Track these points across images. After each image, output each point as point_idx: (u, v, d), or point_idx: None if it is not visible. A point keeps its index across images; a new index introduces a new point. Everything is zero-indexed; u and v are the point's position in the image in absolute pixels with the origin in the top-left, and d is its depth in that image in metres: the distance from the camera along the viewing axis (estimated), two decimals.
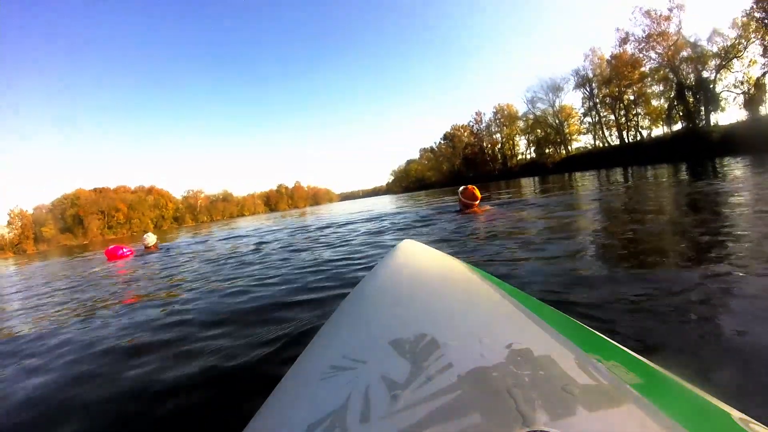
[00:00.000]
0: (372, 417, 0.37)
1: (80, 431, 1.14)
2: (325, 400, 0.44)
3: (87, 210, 63.39)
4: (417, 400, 0.38)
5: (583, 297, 1.58)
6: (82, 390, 1.40)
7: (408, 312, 0.64)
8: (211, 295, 2.69)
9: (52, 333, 2.30)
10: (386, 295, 0.78)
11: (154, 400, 1.22)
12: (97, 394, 1.34)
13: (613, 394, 0.37)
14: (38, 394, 1.43)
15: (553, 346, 0.47)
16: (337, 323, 0.76)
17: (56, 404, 1.33)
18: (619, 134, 36.30)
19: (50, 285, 5.07)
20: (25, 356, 1.93)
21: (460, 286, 0.80)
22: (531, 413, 0.33)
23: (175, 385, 1.29)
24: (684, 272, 1.78)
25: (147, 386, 1.32)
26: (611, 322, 1.30)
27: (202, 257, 5.48)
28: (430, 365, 0.43)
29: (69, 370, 1.63)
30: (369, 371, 0.46)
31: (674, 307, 1.38)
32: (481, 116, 55.94)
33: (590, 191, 7.31)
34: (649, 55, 29.99)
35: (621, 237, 2.79)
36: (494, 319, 0.58)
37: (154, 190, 75.30)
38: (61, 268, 8.39)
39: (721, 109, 27.10)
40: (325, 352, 0.62)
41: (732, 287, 1.48)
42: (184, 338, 1.77)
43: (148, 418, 1.14)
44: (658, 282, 1.66)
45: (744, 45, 24.99)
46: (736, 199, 3.91)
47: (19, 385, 1.55)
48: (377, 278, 0.92)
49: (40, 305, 3.52)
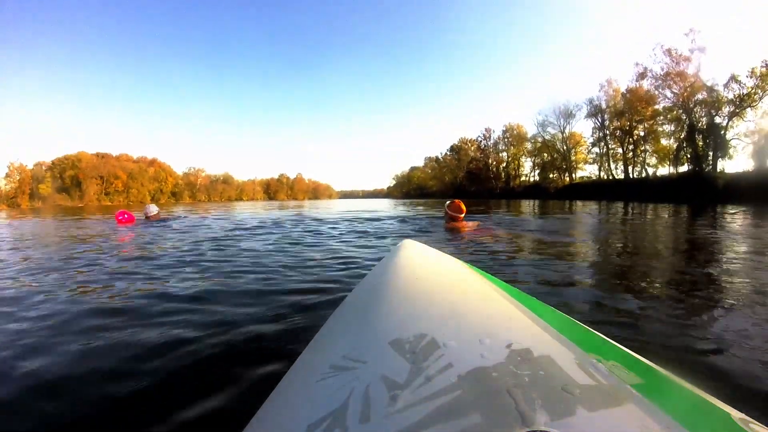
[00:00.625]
0: (372, 417, 0.37)
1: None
2: (325, 400, 0.44)
3: (87, 173, 63.15)
4: (417, 400, 0.38)
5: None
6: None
7: (408, 312, 0.64)
8: (208, 288, 2.53)
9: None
10: (386, 295, 0.76)
11: (151, 400, 1.18)
12: (95, 393, 1.26)
13: (612, 394, 0.37)
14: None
15: (553, 346, 0.47)
16: (337, 323, 0.76)
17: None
18: (625, 168, 36.18)
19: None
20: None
21: (460, 286, 0.79)
22: (531, 413, 0.33)
23: (174, 386, 1.26)
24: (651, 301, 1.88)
25: (145, 386, 1.26)
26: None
27: (197, 237, 5.37)
28: (430, 365, 0.43)
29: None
30: (369, 371, 0.46)
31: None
32: (489, 132, 55.87)
33: (583, 220, 7.68)
34: (665, 94, 29.92)
35: (587, 264, 2.98)
36: (494, 319, 0.58)
37: (156, 163, 75.19)
38: (66, 228, 8.29)
39: (729, 157, 27.04)
40: (325, 352, 0.62)
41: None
42: (183, 338, 1.68)
43: (146, 418, 1.10)
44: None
45: (760, 95, 24.97)
46: (732, 245, 4.01)
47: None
48: (377, 278, 0.92)
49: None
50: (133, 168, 69.29)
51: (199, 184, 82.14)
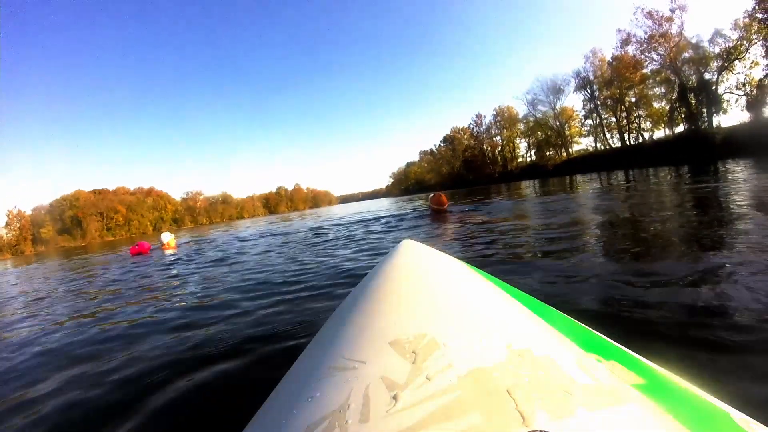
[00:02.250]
0: (372, 417, 0.37)
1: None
2: (325, 400, 0.44)
3: (86, 211, 63.20)
4: (417, 400, 0.38)
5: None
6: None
7: (408, 312, 0.64)
8: (212, 296, 2.72)
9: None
10: (386, 295, 0.76)
11: (151, 399, 1.22)
12: (94, 391, 1.35)
13: (612, 393, 0.37)
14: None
15: (553, 346, 0.47)
16: (337, 323, 0.76)
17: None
18: (621, 136, 36.03)
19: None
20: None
21: (460, 286, 0.79)
22: (531, 413, 0.33)
23: (173, 386, 1.30)
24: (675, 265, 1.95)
25: (145, 386, 1.32)
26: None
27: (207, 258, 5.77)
28: (430, 365, 0.43)
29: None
30: (369, 371, 0.46)
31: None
32: (481, 119, 55.64)
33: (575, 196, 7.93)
34: (651, 57, 29.78)
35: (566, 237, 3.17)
36: (494, 319, 0.58)
37: (153, 192, 75.21)
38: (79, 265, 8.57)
39: (723, 111, 26.89)
40: (325, 352, 0.62)
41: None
42: (182, 337, 1.74)
43: (145, 418, 1.13)
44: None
45: (746, 46, 24.78)
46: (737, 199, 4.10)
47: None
48: (377, 278, 0.91)
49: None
50: (131, 200, 69.36)
51: (199, 207, 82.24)
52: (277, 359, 1.38)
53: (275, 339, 1.60)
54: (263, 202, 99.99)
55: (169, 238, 9.26)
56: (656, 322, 1.27)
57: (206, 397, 1.20)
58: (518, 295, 0.73)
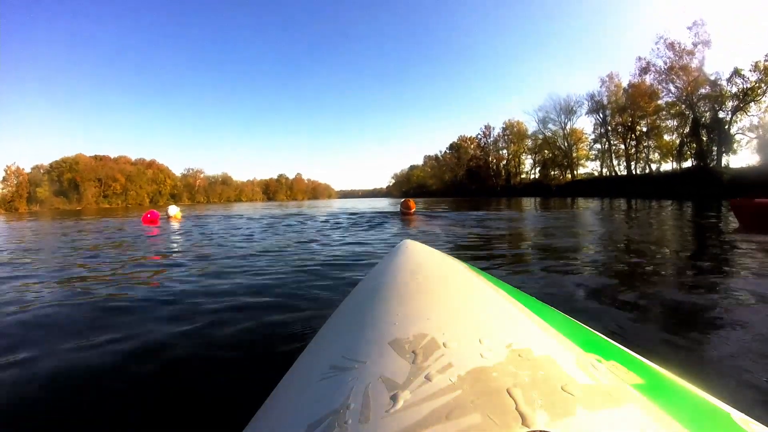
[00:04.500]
0: (372, 417, 0.37)
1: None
2: (325, 400, 0.44)
3: (84, 176, 62.76)
4: (417, 400, 0.38)
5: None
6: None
7: (408, 312, 0.64)
8: (209, 287, 2.65)
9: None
10: (386, 295, 0.75)
11: (151, 399, 1.20)
12: (93, 392, 1.30)
13: (612, 394, 0.37)
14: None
15: (553, 346, 0.47)
16: (337, 323, 0.76)
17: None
18: (628, 164, 35.86)
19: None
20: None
21: (460, 286, 0.79)
22: (531, 413, 0.33)
23: (173, 386, 1.28)
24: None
25: (145, 387, 1.28)
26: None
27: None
28: (430, 365, 0.44)
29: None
30: (369, 371, 0.46)
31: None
32: (489, 130, 55.52)
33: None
34: (668, 88, 29.58)
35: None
36: (494, 319, 0.58)
37: (154, 165, 74.83)
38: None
39: (734, 152, 26.75)
40: (325, 352, 0.62)
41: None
42: (181, 337, 1.71)
43: (145, 418, 1.11)
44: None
45: (763, 89, 24.59)
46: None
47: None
48: (377, 278, 0.92)
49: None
50: (131, 170, 68.91)
51: (198, 186, 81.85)
52: (277, 359, 1.38)
53: (275, 339, 1.60)
54: (263, 188, 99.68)
55: (176, 212, 9.91)
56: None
57: (206, 397, 1.19)
58: (518, 295, 0.73)
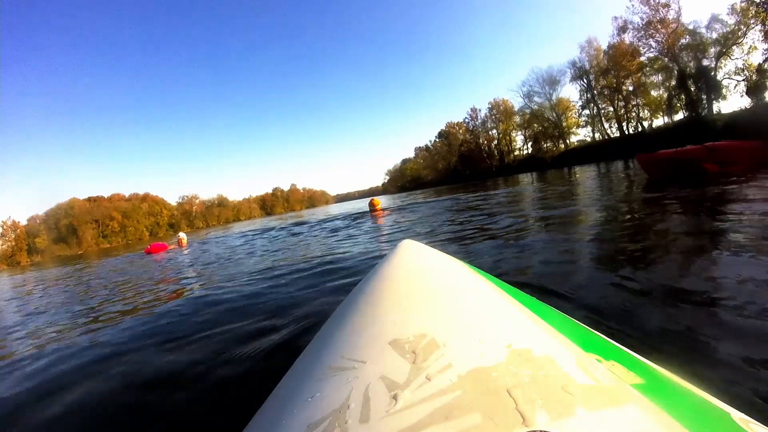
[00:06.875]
0: (372, 417, 0.37)
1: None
2: (325, 400, 0.44)
3: (81, 219, 62.46)
4: (417, 400, 0.38)
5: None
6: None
7: (408, 312, 0.64)
8: (211, 293, 2.75)
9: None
10: (386, 295, 0.76)
11: (152, 399, 1.21)
12: (94, 392, 1.35)
13: (612, 394, 0.37)
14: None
15: (553, 346, 0.47)
16: (337, 323, 0.76)
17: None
18: (619, 126, 35.61)
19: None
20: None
21: (460, 286, 0.79)
22: (531, 413, 0.33)
23: (173, 386, 1.29)
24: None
25: (145, 386, 1.29)
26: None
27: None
28: (430, 365, 0.44)
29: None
30: (369, 371, 0.46)
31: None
32: (476, 112, 55.11)
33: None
34: (648, 44, 29.25)
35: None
36: (494, 319, 0.58)
37: (149, 198, 74.47)
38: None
39: (723, 98, 26.50)
40: (325, 352, 0.62)
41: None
42: (181, 337, 1.70)
43: (146, 418, 1.12)
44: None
45: (743, 31, 24.38)
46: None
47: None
48: (377, 278, 0.91)
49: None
50: (126, 207, 68.55)
51: (195, 211, 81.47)
52: (277, 359, 1.38)
53: (275, 338, 1.60)
54: (260, 204, 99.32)
55: (183, 237, 11.18)
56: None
57: (206, 397, 1.19)
58: (518, 295, 0.73)
